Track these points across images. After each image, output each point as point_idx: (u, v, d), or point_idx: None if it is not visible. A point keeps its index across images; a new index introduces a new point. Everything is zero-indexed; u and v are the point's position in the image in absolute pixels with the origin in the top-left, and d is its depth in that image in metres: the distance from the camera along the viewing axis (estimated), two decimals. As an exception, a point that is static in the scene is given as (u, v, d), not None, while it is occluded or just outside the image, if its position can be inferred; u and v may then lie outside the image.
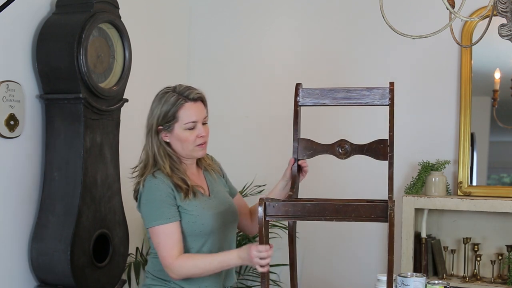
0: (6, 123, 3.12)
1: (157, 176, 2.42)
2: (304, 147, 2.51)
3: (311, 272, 4.13)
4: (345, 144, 2.53)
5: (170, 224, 2.38)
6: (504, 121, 3.70)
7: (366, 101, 2.56)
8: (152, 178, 2.43)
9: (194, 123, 2.44)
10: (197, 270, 2.38)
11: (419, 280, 2.44)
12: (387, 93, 2.55)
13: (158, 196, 2.40)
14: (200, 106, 2.47)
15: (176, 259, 2.36)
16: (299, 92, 2.53)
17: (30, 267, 3.25)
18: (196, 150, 2.48)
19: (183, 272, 2.38)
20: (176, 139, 2.46)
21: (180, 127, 2.44)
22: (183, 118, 2.43)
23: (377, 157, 2.52)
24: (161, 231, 2.38)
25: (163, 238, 2.38)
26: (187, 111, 2.44)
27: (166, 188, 2.41)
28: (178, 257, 2.37)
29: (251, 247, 2.27)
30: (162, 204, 2.39)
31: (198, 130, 2.45)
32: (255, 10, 4.37)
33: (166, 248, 2.37)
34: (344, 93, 2.55)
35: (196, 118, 2.45)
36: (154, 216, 2.39)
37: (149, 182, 2.42)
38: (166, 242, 2.37)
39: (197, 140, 2.45)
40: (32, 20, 3.25)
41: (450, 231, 3.72)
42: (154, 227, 2.39)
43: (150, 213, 2.40)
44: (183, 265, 2.36)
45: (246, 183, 4.08)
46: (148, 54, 4.06)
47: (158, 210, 2.39)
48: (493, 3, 2.24)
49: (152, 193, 2.41)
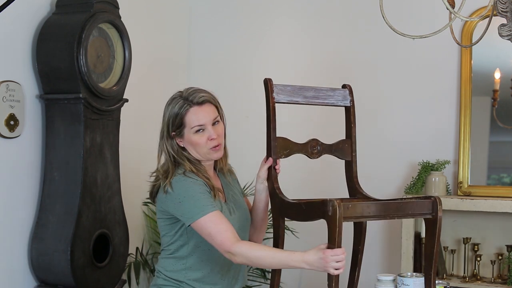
0: (6, 123, 3.12)
1: (187, 175, 2.41)
2: (281, 146, 2.47)
3: (312, 272, 4.12)
4: (317, 144, 2.54)
5: (214, 212, 2.34)
6: (504, 121, 3.69)
7: (332, 101, 2.60)
8: (183, 177, 2.40)
9: (202, 126, 2.44)
10: (257, 260, 2.31)
11: (419, 280, 2.45)
12: (347, 94, 2.63)
13: (197, 190, 2.37)
14: (206, 109, 2.46)
15: (237, 243, 2.30)
16: (273, 88, 2.48)
17: (30, 267, 3.25)
18: (211, 153, 2.47)
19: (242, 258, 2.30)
20: (188, 144, 2.46)
21: (189, 132, 2.44)
22: (190, 123, 2.43)
23: (343, 157, 2.61)
24: (208, 220, 2.33)
25: (213, 226, 2.32)
26: (193, 116, 2.43)
27: (201, 182, 2.40)
28: (240, 243, 2.31)
29: (325, 252, 2.17)
30: (202, 196, 2.37)
31: (208, 133, 2.44)
32: (255, 10, 4.37)
33: (221, 233, 2.31)
34: (313, 92, 2.56)
35: (203, 122, 2.44)
36: (197, 209, 2.35)
37: (182, 181, 2.39)
38: (218, 228, 2.31)
39: (208, 143, 2.44)
40: (32, 20, 3.25)
41: (450, 231, 3.72)
42: (199, 219, 2.33)
43: (193, 208, 2.36)
44: (242, 250, 2.29)
45: (246, 183, 4.07)
46: (148, 54, 4.06)
47: (199, 202, 2.35)
48: (493, 3, 2.24)
49: (189, 189, 2.38)
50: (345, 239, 3.58)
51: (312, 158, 2.54)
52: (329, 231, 2.16)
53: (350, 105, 2.62)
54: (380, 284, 2.50)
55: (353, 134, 2.61)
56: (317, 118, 4.03)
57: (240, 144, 4.31)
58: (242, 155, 4.29)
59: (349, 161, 2.61)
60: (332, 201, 2.15)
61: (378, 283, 2.50)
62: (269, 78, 2.50)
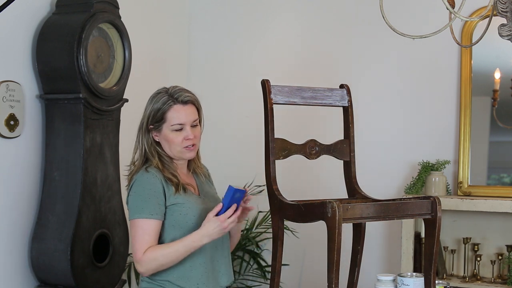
0: (6, 123, 3.12)
1: (149, 170, 2.45)
2: (280, 147, 2.46)
3: (312, 272, 4.13)
4: (315, 145, 2.54)
5: (151, 220, 2.39)
6: (504, 121, 3.70)
7: (329, 102, 2.61)
8: (144, 172, 2.45)
9: (182, 125, 2.47)
10: (164, 259, 2.38)
11: (419, 280, 2.45)
12: (345, 94, 2.63)
13: (147, 190, 2.41)
14: (189, 109, 2.49)
15: (144, 253, 2.37)
16: (270, 89, 2.48)
17: (30, 267, 3.25)
18: (184, 152, 2.49)
19: (152, 264, 2.38)
20: (164, 140, 2.49)
21: (167, 128, 2.47)
22: (170, 120, 2.46)
23: (342, 157, 2.61)
24: (140, 224, 2.39)
25: (140, 232, 2.38)
26: (175, 113, 2.46)
27: (157, 182, 2.42)
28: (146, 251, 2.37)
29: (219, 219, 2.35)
30: (149, 199, 2.40)
31: (185, 133, 2.47)
32: (255, 10, 4.37)
33: (141, 243, 2.37)
34: (310, 92, 2.56)
35: (184, 121, 2.46)
36: (138, 209, 2.40)
37: (141, 176, 2.44)
38: (143, 237, 2.38)
39: (184, 142, 2.47)
40: (32, 20, 3.25)
41: (450, 231, 3.72)
42: (135, 219, 2.40)
43: (135, 206, 2.41)
44: (150, 256, 2.36)
45: (246, 183, 4.08)
46: (148, 54, 4.06)
47: (143, 203, 2.40)
48: (493, 3, 2.24)
49: (141, 187, 2.42)
50: (345, 239, 3.59)
51: (310, 158, 2.54)
52: (329, 232, 2.17)
53: (348, 105, 2.62)
54: (380, 284, 2.49)
55: (351, 134, 2.61)
56: (315, 119, 4.03)
57: (240, 144, 4.32)
58: (242, 155, 4.30)
59: (348, 161, 2.61)
60: (331, 203, 2.15)
61: (378, 283, 2.50)
62: (267, 79, 2.50)
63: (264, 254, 4.11)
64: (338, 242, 2.14)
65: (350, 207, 2.21)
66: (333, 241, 2.15)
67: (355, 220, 2.28)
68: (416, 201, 2.38)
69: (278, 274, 2.46)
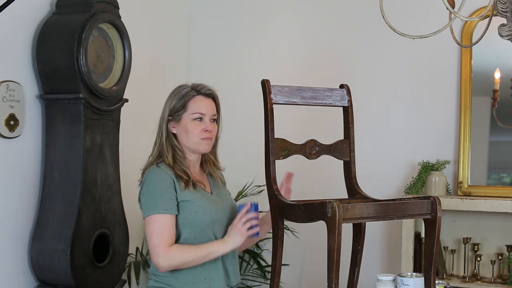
0: (6, 123, 3.12)
1: (160, 166, 2.46)
2: (280, 147, 2.46)
3: (312, 272, 4.13)
4: (315, 145, 2.54)
5: (167, 215, 2.40)
6: (504, 121, 3.69)
7: (329, 102, 2.61)
8: (155, 168, 2.46)
9: (202, 115, 2.49)
10: (187, 257, 2.40)
11: (419, 280, 2.44)
12: (345, 94, 2.63)
13: (159, 186, 2.42)
14: (210, 103, 2.54)
15: (168, 249, 2.38)
16: (270, 89, 2.48)
17: (30, 267, 3.25)
18: (201, 143, 2.50)
19: (172, 262, 2.39)
20: (182, 130, 2.50)
21: (187, 117, 2.49)
22: (192, 108, 2.49)
23: (342, 157, 2.61)
24: (157, 220, 2.39)
25: (158, 228, 2.39)
26: (197, 103, 2.50)
27: (167, 178, 2.43)
28: (170, 247, 2.38)
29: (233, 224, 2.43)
30: (162, 195, 2.41)
31: (204, 124, 2.50)
32: (255, 10, 4.37)
33: (161, 238, 2.38)
34: (310, 92, 2.56)
35: (205, 111, 2.50)
36: (152, 205, 2.41)
37: (151, 172, 2.46)
38: (162, 232, 2.39)
39: (202, 134, 2.49)
40: (32, 20, 3.25)
41: (450, 231, 3.72)
42: (150, 215, 2.40)
43: (149, 203, 2.42)
44: (173, 254, 2.38)
45: (246, 183, 4.08)
46: (148, 54, 4.06)
47: (157, 199, 2.41)
48: (493, 3, 2.24)
49: (153, 183, 2.43)
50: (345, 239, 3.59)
51: (310, 158, 2.54)
52: (329, 232, 2.17)
53: (348, 105, 2.62)
54: (380, 284, 2.49)
55: (351, 134, 2.61)
56: (315, 119, 4.03)
57: (240, 144, 4.31)
58: (242, 155, 4.30)
59: (348, 161, 2.61)
60: (331, 203, 2.15)
61: (378, 283, 2.50)
62: (267, 79, 2.51)
63: (264, 254, 4.11)
64: (338, 242, 2.15)
65: (350, 207, 2.21)
66: (333, 241, 2.15)
67: (355, 220, 2.28)
68: (416, 201, 2.38)
69: (278, 274, 2.46)
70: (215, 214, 2.47)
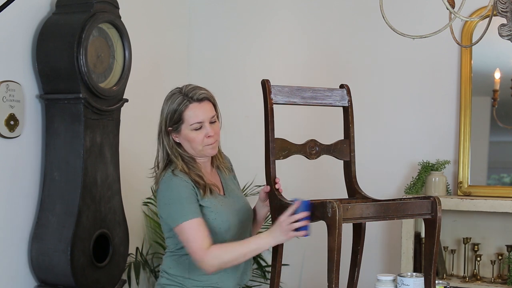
0: (6, 123, 3.12)
1: (176, 174, 2.42)
2: (280, 148, 2.45)
3: (312, 272, 4.13)
4: (315, 145, 2.54)
5: (197, 219, 2.37)
6: (504, 121, 3.70)
7: (329, 102, 2.60)
8: (172, 177, 2.42)
9: (200, 124, 2.44)
10: (230, 255, 2.36)
11: (419, 280, 2.45)
12: (345, 94, 2.62)
13: (183, 193, 2.39)
14: (206, 106, 2.47)
15: (208, 250, 2.34)
16: (270, 89, 2.47)
17: (30, 267, 3.25)
18: (206, 150, 2.48)
19: (216, 262, 2.35)
20: (184, 140, 2.47)
21: (187, 128, 2.45)
22: (189, 119, 2.44)
23: (342, 157, 2.60)
24: (188, 226, 2.36)
25: (192, 233, 2.35)
26: (192, 112, 2.44)
27: (188, 185, 2.40)
28: (209, 248, 2.35)
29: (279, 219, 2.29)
30: (187, 201, 2.38)
31: (205, 130, 2.45)
32: (255, 10, 4.37)
33: (197, 241, 2.35)
34: (310, 92, 2.55)
35: (202, 119, 2.45)
36: (180, 214, 2.37)
37: (170, 181, 2.41)
38: (196, 236, 2.35)
39: (205, 140, 2.45)
40: (32, 20, 3.25)
41: (450, 231, 3.72)
42: (181, 224, 2.36)
43: (176, 212, 2.38)
44: (215, 254, 2.34)
45: (246, 183, 4.08)
46: (148, 54, 4.06)
47: (183, 207, 2.37)
48: (493, 3, 2.24)
49: (175, 192, 2.40)
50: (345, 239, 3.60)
51: (310, 158, 2.54)
52: (329, 232, 2.17)
53: (348, 105, 2.62)
54: (380, 284, 2.50)
55: (351, 134, 2.61)
56: (315, 119, 4.03)
57: (240, 144, 4.31)
58: (242, 155, 4.30)
59: (348, 161, 2.61)
60: (332, 203, 2.15)
61: (378, 283, 2.50)
62: (267, 79, 2.50)
63: (264, 254, 4.10)
64: (338, 242, 2.15)
65: (350, 207, 2.21)
66: (333, 241, 2.15)
67: (355, 220, 2.28)
68: (416, 201, 2.38)
69: (278, 274, 2.45)
70: (232, 218, 2.47)
